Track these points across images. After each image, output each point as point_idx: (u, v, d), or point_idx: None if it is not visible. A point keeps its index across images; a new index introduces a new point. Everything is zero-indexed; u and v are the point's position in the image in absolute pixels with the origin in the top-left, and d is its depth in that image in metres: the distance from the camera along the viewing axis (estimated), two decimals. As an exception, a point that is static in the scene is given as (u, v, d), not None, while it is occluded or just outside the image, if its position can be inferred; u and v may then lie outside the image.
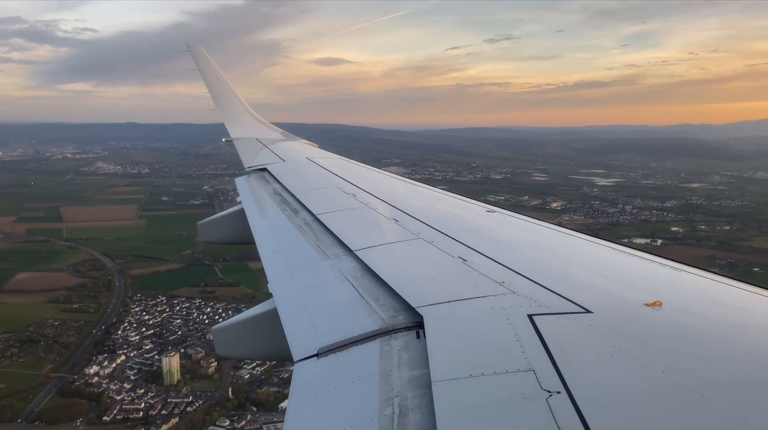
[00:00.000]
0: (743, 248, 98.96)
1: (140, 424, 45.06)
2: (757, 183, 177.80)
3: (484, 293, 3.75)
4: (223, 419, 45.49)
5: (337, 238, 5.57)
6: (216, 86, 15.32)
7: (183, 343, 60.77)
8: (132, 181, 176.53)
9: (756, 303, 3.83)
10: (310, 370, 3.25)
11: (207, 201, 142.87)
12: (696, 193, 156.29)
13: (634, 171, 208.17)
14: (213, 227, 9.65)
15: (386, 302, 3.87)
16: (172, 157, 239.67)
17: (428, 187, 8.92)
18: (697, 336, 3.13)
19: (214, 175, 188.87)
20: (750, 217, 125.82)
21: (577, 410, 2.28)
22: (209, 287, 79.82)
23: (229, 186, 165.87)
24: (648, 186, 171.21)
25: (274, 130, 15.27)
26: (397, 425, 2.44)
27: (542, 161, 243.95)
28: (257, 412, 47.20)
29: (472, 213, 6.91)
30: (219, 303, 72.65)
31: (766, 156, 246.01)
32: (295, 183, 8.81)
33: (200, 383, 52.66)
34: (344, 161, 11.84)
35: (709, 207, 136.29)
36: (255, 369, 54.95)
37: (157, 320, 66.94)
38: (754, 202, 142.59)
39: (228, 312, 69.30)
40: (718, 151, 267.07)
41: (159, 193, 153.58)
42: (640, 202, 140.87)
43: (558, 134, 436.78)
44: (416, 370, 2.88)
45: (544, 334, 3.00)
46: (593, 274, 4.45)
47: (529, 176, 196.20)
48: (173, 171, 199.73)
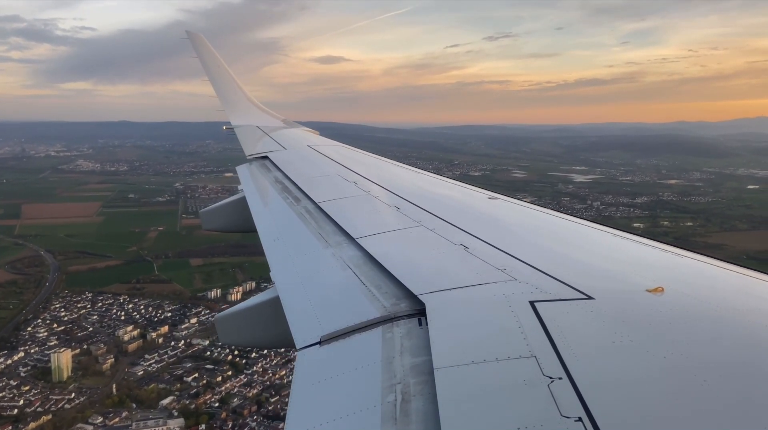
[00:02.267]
0: (697, 243, 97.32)
1: (10, 422, 44.17)
2: (736, 180, 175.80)
3: (485, 279, 3.73)
4: (96, 416, 44.59)
5: (338, 226, 5.57)
6: (216, 74, 15.16)
7: (90, 339, 59.95)
8: (106, 178, 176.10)
9: (757, 288, 3.80)
10: (313, 357, 3.26)
11: (173, 198, 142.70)
12: (671, 189, 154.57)
13: (616, 168, 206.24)
14: (215, 215, 9.60)
15: (388, 290, 3.87)
16: (156, 154, 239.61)
17: (430, 175, 8.86)
18: (699, 322, 3.12)
19: (190, 173, 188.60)
20: (716, 213, 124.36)
21: (578, 395, 2.28)
22: (140, 284, 79.01)
23: (200, 183, 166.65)
24: (625, 183, 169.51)
25: (275, 118, 15.20)
26: (400, 411, 2.45)
27: (527, 158, 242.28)
28: (135, 409, 46.29)
29: (474, 200, 6.86)
30: (143, 300, 71.90)
31: (752, 153, 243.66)
32: (296, 171, 8.80)
33: (91, 379, 51.81)
34: (346, 149, 11.76)
35: (678, 203, 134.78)
36: (151, 366, 54.11)
37: (73, 317, 66.13)
38: (726, 198, 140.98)
39: (148, 309, 68.61)
40: (707, 148, 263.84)
41: (128, 190, 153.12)
42: (611, 198, 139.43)
43: (551, 132, 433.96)
44: (418, 357, 2.89)
45: (546, 320, 3.00)
46: (595, 260, 4.41)
47: (509, 173, 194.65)
48: (152, 169, 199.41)
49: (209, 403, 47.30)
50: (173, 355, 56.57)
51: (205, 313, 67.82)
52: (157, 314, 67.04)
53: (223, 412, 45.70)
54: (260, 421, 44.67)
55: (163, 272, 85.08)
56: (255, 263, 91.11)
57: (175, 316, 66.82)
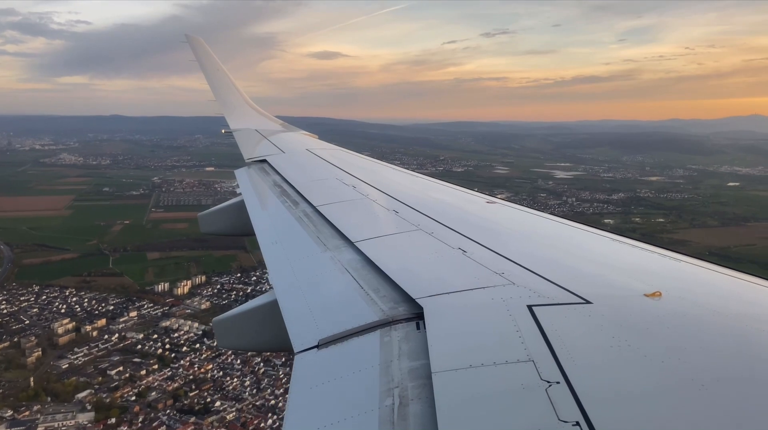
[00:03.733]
0: (662, 239, 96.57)
1: None
2: (718, 177, 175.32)
3: (483, 283, 3.74)
4: (6, 410, 43.95)
5: (337, 229, 5.58)
6: (215, 77, 15.18)
7: (24, 332, 59.29)
8: (86, 172, 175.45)
9: (755, 293, 3.81)
10: (311, 361, 3.27)
11: (147, 192, 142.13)
12: (651, 186, 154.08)
13: (600, 165, 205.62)
14: (213, 218, 9.52)
15: (386, 294, 3.87)
16: (142, 149, 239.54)
17: (428, 179, 8.89)
18: (697, 326, 3.12)
19: (172, 167, 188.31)
20: (689, 210, 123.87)
21: (576, 400, 2.29)
22: (90, 277, 78.23)
23: (178, 177, 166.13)
24: (606, 179, 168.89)
25: (273, 122, 15.30)
26: (398, 415, 2.47)
27: (514, 155, 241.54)
28: (49, 402, 45.64)
29: (472, 204, 6.88)
30: (90, 293, 71.19)
31: (739, 151, 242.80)
32: (294, 175, 8.86)
33: (13, 373, 51.03)
34: (344, 152, 11.82)
35: (654, 200, 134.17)
36: (78, 359, 53.46)
37: (13, 310, 65.46)
38: (703, 195, 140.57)
39: (92, 302, 67.96)
40: (695, 145, 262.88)
41: (105, 183, 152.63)
42: (588, 194, 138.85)
43: (544, 129, 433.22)
44: (416, 361, 2.91)
45: (544, 324, 3.02)
46: (592, 264, 4.40)
47: (491, 169, 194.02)
48: (135, 162, 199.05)
49: (126, 397, 46.64)
50: (103, 348, 55.85)
51: (148, 306, 67.19)
52: (99, 308, 66.35)
53: (137, 406, 45.04)
54: (172, 415, 44.03)
55: (118, 266, 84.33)
56: (213, 257, 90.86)
57: (116, 309, 66.15)
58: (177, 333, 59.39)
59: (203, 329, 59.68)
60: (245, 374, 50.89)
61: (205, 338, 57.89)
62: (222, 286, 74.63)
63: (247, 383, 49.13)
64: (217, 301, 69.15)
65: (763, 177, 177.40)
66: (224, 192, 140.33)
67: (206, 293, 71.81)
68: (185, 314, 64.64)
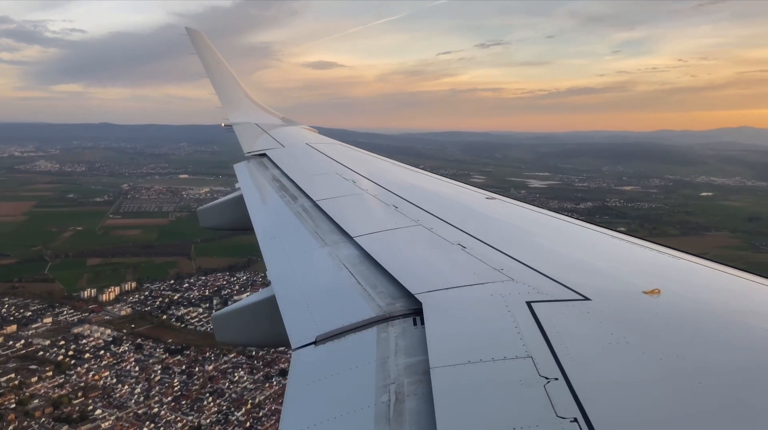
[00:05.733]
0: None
1: None
2: (693, 187, 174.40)
3: (482, 279, 3.75)
4: None
5: (336, 224, 5.60)
6: (216, 71, 15.08)
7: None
8: (57, 178, 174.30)
9: (754, 291, 3.81)
10: (308, 357, 3.28)
11: (111, 199, 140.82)
12: (622, 195, 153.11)
13: (579, 174, 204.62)
14: (212, 213, 9.49)
15: (384, 289, 3.88)
16: (122, 156, 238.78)
17: (428, 174, 8.87)
18: (696, 324, 3.13)
19: (147, 174, 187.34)
20: (653, 219, 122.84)
21: (574, 396, 2.31)
22: (21, 283, 76.60)
23: (149, 184, 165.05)
24: (580, 189, 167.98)
25: (273, 115, 15.32)
26: (393, 411, 2.48)
27: (496, 164, 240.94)
28: None
29: (472, 200, 6.84)
30: (13, 299, 69.61)
31: (720, 161, 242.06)
32: (294, 169, 8.84)
33: None
34: (344, 147, 11.81)
35: (620, 209, 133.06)
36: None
37: (-74, 315, 63.97)
38: (671, 205, 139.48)
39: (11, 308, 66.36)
40: (677, 156, 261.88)
41: (71, 190, 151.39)
42: (556, 203, 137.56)
43: (533, 139, 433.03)
44: (412, 357, 2.92)
45: (543, 321, 3.04)
46: (592, 261, 4.41)
47: (468, 178, 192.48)
48: (110, 169, 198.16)
49: (6, 404, 45.04)
50: (3, 355, 54.30)
51: (68, 313, 65.66)
52: (16, 314, 64.80)
53: (11, 414, 43.44)
54: (45, 424, 42.42)
55: (54, 271, 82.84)
56: (154, 264, 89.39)
57: (33, 315, 64.59)
58: (86, 340, 57.84)
59: (113, 336, 58.21)
60: (139, 381, 49.33)
61: (112, 345, 56.42)
62: (151, 292, 73.08)
63: (138, 391, 47.54)
64: (140, 307, 67.69)
65: (738, 187, 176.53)
66: (189, 199, 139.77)
67: (131, 300, 70.23)
68: (102, 321, 63.07)
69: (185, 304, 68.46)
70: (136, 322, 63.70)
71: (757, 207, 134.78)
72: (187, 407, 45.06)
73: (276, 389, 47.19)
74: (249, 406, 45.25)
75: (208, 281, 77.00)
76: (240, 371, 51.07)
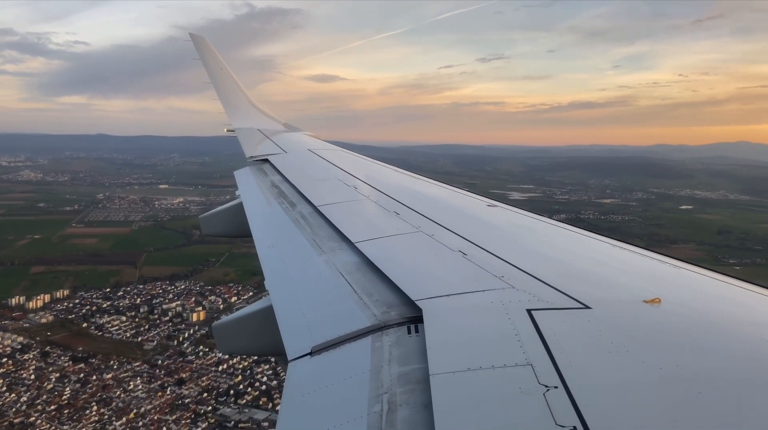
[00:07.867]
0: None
1: None
2: (674, 200, 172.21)
3: (483, 287, 3.77)
4: None
5: (337, 230, 5.58)
6: (219, 77, 15.11)
7: None
8: (36, 188, 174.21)
9: (755, 301, 3.83)
10: (303, 369, 3.26)
11: (81, 208, 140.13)
12: (600, 208, 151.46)
13: (563, 187, 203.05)
14: (214, 220, 9.43)
15: (379, 298, 3.87)
16: (110, 167, 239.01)
17: (430, 181, 8.84)
18: (696, 333, 3.14)
19: (127, 184, 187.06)
20: (623, 231, 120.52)
21: (574, 405, 2.30)
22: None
23: (125, 194, 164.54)
24: (560, 201, 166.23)
25: (276, 121, 15.41)
26: (386, 421, 2.48)
27: (483, 177, 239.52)
28: None
29: (473, 207, 6.86)
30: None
31: (707, 175, 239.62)
32: (296, 175, 8.88)
33: None
34: (346, 153, 11.90)
35: (593, 221, 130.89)
36: None
37: None
38: (645, 218, 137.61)
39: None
40: (666, 170, 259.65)
41: (44, 199, 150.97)
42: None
43: (528, 152, 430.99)
44: (406, 366, 2.92)
45: (543, 329, 3.04)
46: (593, 270, 4.38)
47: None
48: (92, 179, 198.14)
49: None
50: None
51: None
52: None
53: None
54: None
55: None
56: (97, 272, 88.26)
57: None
58: (-5, 347, 56.48)
59: (22, 343, 56.89)
60: (29, 389, 47.85)
61: (18, 352, 55.05)
62: (81, 300, 71.81)
63: (24, 399, 46.06)
64: (63, 315, 66.39)
65: (719, 201, 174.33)
66: (159, 209, 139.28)
67: (59, 308, 68.95)
68: (18, 328, 61.78)
69: (111, 312, 67.13)
70: (55, 330, 62.27)
71: (731, 220, 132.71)
72: (68, 416, 43.49)
73: (167, 399, 45.59)
74: (132, 415, 43.64)
75: (144, 289, 75.68)
76: (137, 379, 49.54)
